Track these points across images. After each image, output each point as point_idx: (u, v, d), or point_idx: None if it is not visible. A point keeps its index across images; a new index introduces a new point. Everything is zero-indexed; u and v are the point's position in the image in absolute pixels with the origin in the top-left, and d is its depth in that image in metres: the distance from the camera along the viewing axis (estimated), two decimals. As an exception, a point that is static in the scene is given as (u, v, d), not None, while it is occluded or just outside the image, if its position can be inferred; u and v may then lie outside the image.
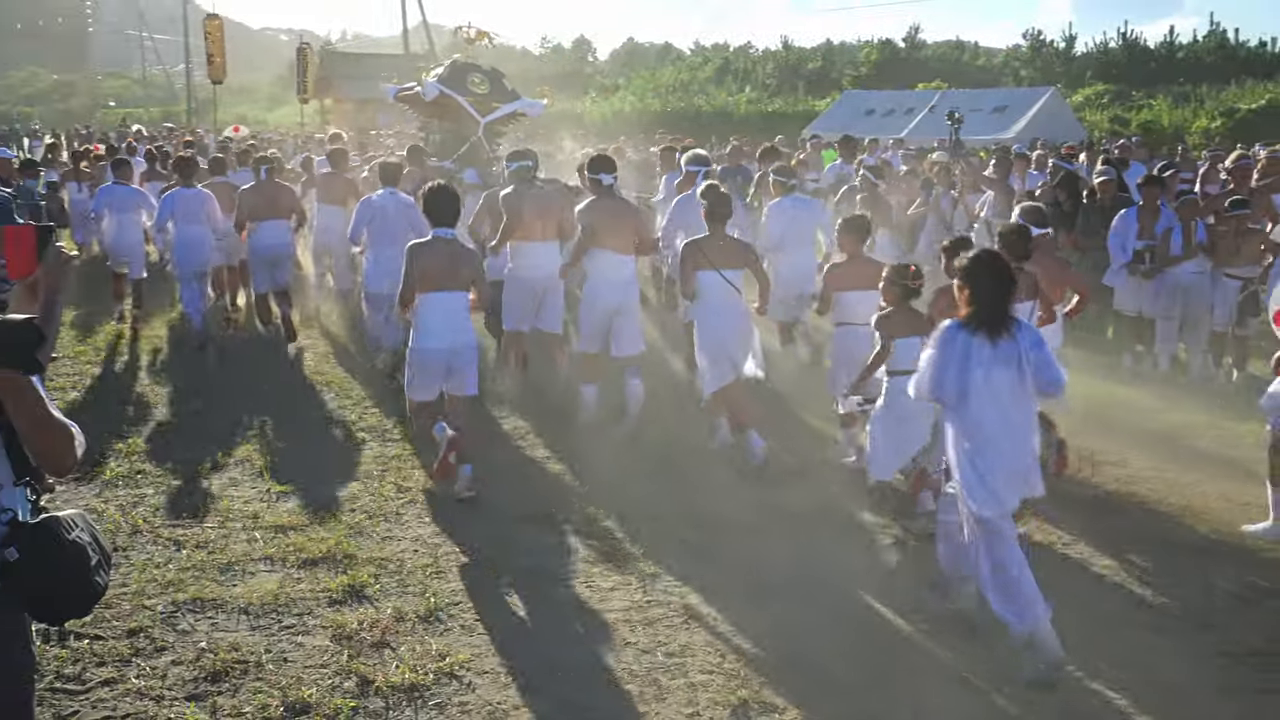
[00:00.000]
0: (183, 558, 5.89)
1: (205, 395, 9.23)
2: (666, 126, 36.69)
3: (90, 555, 2.83)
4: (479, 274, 7.11)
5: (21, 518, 2.74)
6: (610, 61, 79.30)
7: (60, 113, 73.54)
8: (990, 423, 4.75)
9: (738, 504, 6.80)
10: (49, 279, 3.32)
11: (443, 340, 6.87)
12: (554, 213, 8.69)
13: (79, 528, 2.84)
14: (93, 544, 2.86)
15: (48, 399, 2.71)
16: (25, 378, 2.61)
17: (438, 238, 6.89)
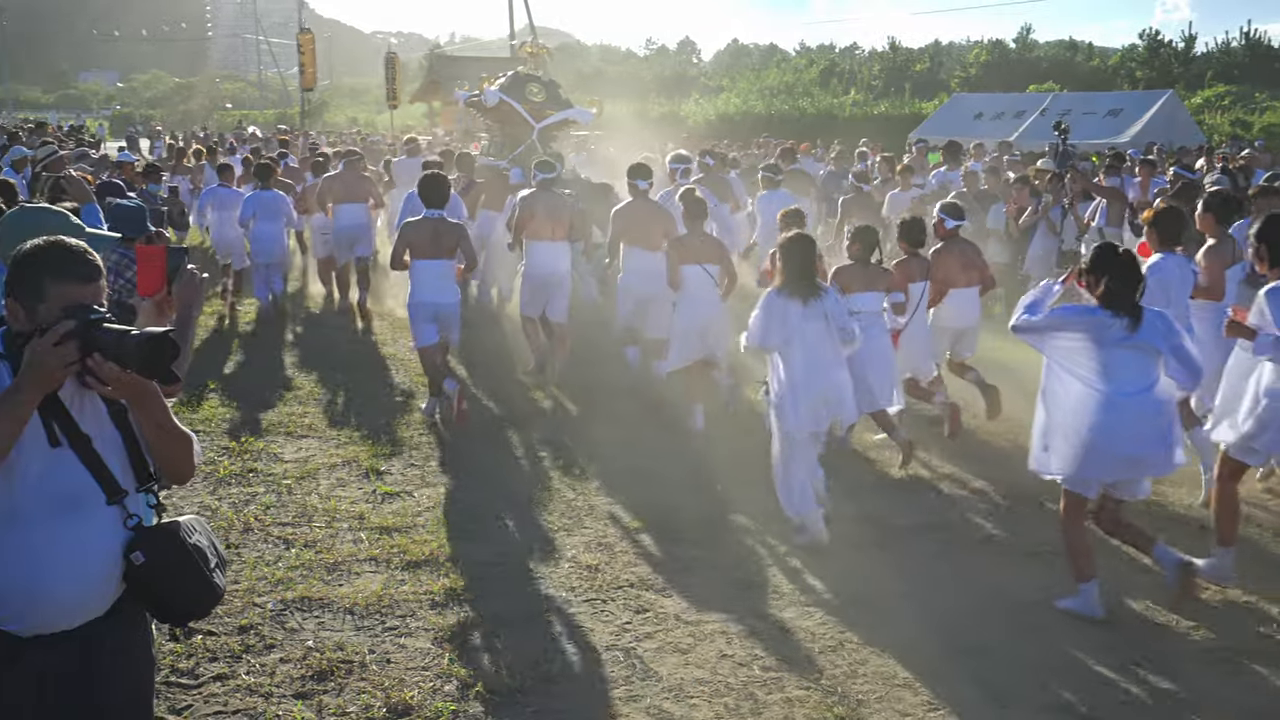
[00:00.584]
0: (291, 556, 6.06)
1: (313, 397, 9.47)
2: (770, 129, 36.55)
3: (209, 558, 2.93)
4: (465, 245, 8.69)
5: (146, 522, 2.85)
6: (714, 63, 79.37)
7: (180, 114, 75.93)
8: (800, 362, 6.30)
9: (837, 516, 6.76)
10: (182, 297, 3.46)
11: (428, 295, 8.57)
12: (564, 217, 9.84)
13: (198, 532, 2.95)
14: (210, 547, 2.97)
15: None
16: (155, 387, 2.74)
17: (426, 217, 8.57)
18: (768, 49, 79.96)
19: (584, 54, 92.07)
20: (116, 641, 2.89)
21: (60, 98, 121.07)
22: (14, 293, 2.70)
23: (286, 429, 8.47)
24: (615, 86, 55.81)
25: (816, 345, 6.34)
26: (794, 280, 6.36)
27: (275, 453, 7.89)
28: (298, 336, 11.94)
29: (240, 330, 12.17)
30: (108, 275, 2.94)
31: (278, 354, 11.06)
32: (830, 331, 6.37)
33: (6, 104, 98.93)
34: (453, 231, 8.65)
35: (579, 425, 8.64)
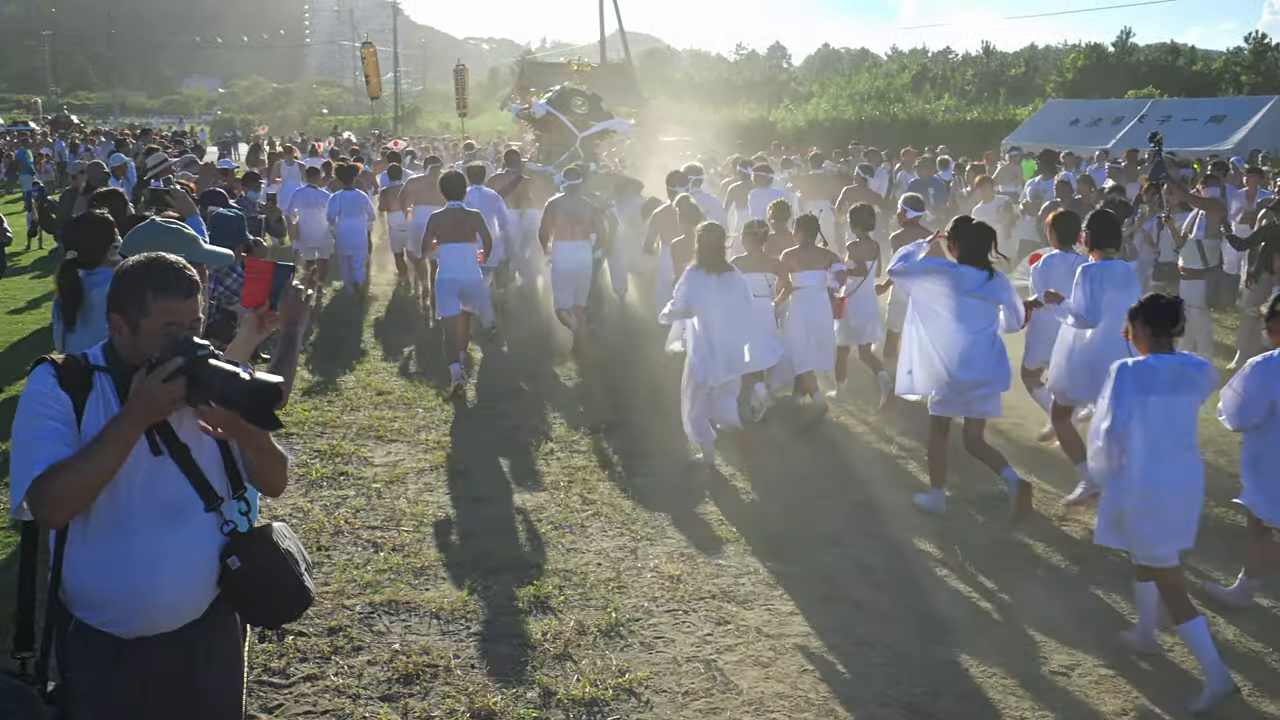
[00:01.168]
0: (380, 560, 6.17)
1: (402, 401, 9.63)
2: (861, 135, 36.21)
3: (299, 562, 3.01)
4: (482, 230, 10.14)
5: (241, 529, 2.94)
6: (804, 68, 78.97)
7: (278, 119, 77.64)
8: (712, 325, 7.65)
9: (918, 532, 6.70)
10: (289, 314, 3.57)
11: (452, 274, 10.01)
12: (585, 219, 11.28)
13: (287, 538, 3.04)
14: (299, 552, 3.06)
15: None
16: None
17: (449, 208, 10.08)
18: (859, 54, 79.35)
19: (673, 59, 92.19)
20: (212, 642, 2.99)
21: (164, 103, 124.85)
22: (118, 306, 2.82)
23: (376, 433, 8.63)
24: (704, 92, 55.82)
25: (724, 311, 7.67)
26: (707, 260, 7.72)
27: (365, 456, 8.05)
28: (388, 343, 12.13)
29: (332, 335, 12.42)
30: (209, 281, 3.06)
31: (369, 360, 11.26)
32: (736, 300, 7.73)
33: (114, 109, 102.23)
34: (471, 219, 10.14)
35: (661, 436, 8.65)
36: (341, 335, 12.33)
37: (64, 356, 2.87)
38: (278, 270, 3.55)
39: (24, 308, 13.57)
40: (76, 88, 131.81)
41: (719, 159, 20.41)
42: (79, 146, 32.57)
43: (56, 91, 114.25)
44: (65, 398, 2.76)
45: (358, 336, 12.30)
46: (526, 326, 12.65)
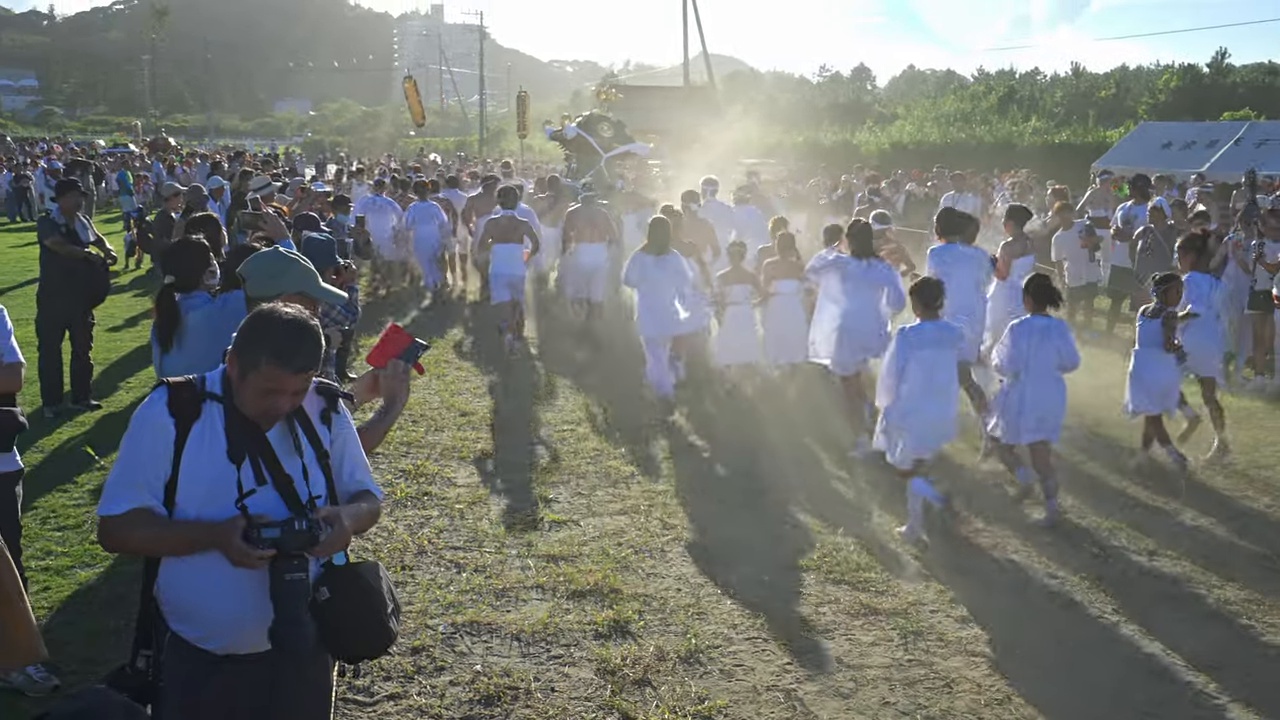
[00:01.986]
0: (462, 580, 6.25)
1: (485, 422, 9.75)
2: (946, 158, 35.84)
3: (386, 603, 3.05)
4: (529, 233, 12.74)
5: (336, 562, 3.00)
6: (889, 90, 78.41)
7: (367, 141, 79.01)
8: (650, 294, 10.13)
9: (1003, 568, 6.60)
10: (390, 386, 3.65)
11: (505, 269, 12.44)
12: (600, 225, 13.47)
13: (380, 577, 3.09)
14: (388, 592, 3.09)
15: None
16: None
17: (504, 214, 12.67)
18: (944, 75, 78.61)
19: (756, 81, 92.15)
20: (300, 664, 3.06)
21: (257, 125, 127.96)
22: (236, 345, 2.89)
23: (459, 454, 8.74)
24: (787, 114, 55.70)
25: (660, 286, 10.14)
26: (652, 245, 10.18)
27: (449, 477, 8.15)
28: (472, 364, 12.29)
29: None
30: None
31: (453, 381, 11.41)
32: (669, 277, 10.13)
33: (209, 131, 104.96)
34: (521, 224, 12.70)
35: (741, 463, 8.65)
36: (425, 357, 12.49)
37: (180, 381, 2.97)
38: (412, 347, 3.68)
39: (122, 326, 13.98)
40: (174, 110, 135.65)
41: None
42: (175, 168, 33.48)
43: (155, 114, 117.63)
44: (170, 425, 2.86)
45: (441, 358, 12.46)
46: (607, 353, 12.69)
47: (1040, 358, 7.35)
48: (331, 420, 3.08)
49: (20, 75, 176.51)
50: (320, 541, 2.82)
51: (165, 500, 2.87)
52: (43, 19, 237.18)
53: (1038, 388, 7.40)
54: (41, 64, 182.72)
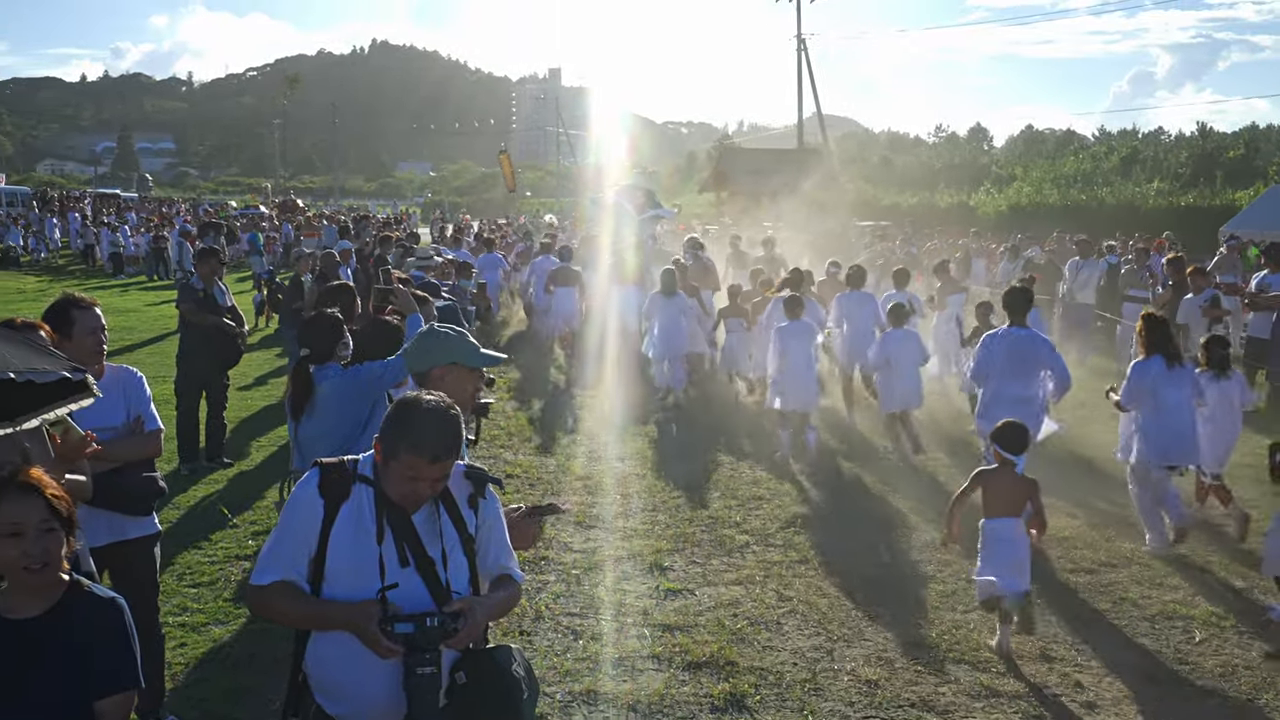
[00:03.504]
0: (579, 648, 6.30)
1: (600, 487, 9.84)
2: (1066, 221, 35.19)
3: (523, 689, 3.11)
4: (580, 281, 16.94)
5: (476, 645, 3.09)
6: (1006, 150, 77.34)
7: (484, 201, 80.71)
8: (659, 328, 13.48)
9: (1131, 648, 6.41)
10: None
11: (562, 308, 16.74)
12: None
13: (517, 661, 3.15)
14: (526, 678, 3.15)
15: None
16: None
17: (561, 266, 17.06)
18: (1064, 135, 77.08)
19: (871, 142, 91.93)
20: None
21: (380, 186, 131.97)
22: (381, 430, 3.03)
23: (576, 518, 8.83)
24: (902, 175, 55.37)
25: (670, 318, 13.48)
26: (664, 288, 13.57)
27: (565, 541, 8.24)
28: (588, 428, 12.44)
29: (531, 421, 12.80)
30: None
31: (566, 444, 11.56)
32: (675, 311, 13.48)
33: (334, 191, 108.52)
34: (574, 274, 17.08)
35: (857, 533, 8.57)
36: (542, 419, 12.70)
37: (332, 462, 3.12)
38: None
39: (253, 385, 14.47)
40: (302, 172, 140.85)
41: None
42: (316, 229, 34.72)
43: (284, 175, 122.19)
44: (320, 505, 3.01)
45: (558, 421, 12.64)
46: (721, 422, 12.73)
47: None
48: (478, 505, 3.18)
49: (159, 138, 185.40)
50: (453, 637, 2.91)
51: (312, 576, 3.00)
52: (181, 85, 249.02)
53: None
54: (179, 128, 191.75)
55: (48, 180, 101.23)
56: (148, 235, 33.24)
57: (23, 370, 3.14)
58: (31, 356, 3.31)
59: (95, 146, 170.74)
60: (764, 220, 37.29)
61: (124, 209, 47.08)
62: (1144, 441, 8.29)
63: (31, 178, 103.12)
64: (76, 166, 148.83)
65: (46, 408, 3.53)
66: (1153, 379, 8.19)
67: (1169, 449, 8.21)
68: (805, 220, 38.56)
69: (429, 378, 4.00)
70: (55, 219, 38.92)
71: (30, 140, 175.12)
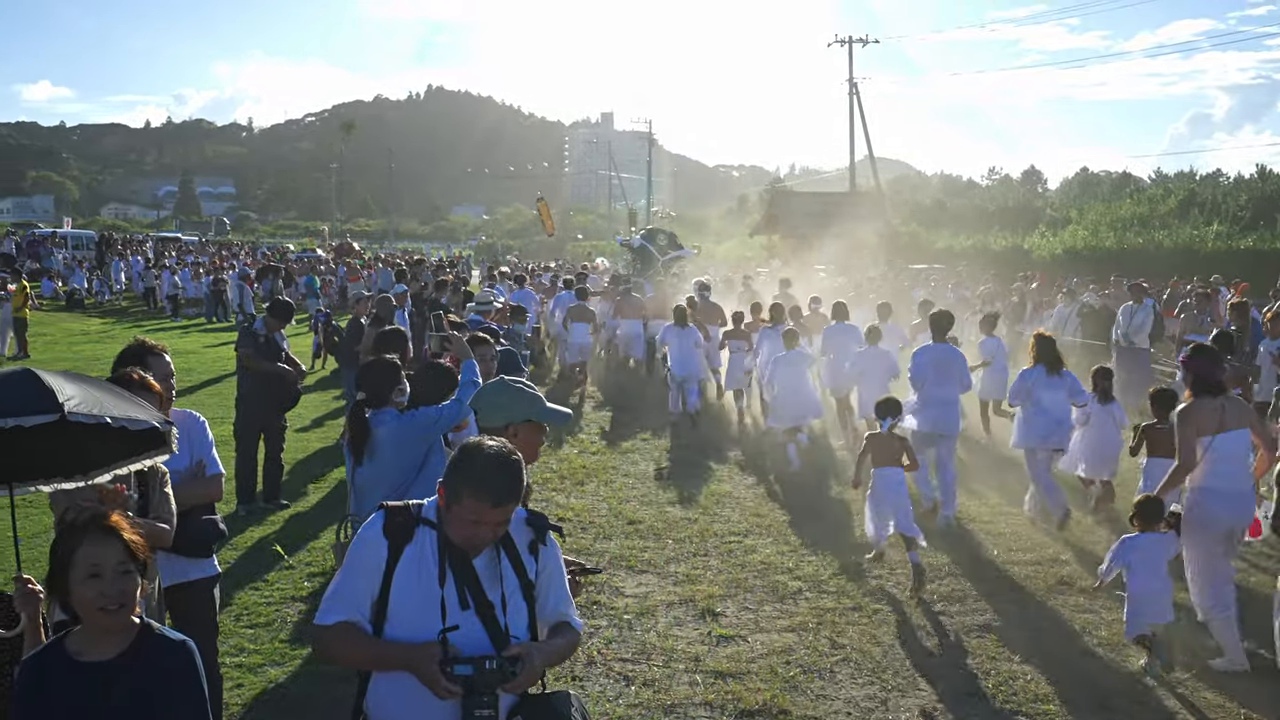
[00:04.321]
0: (631, 694, 6.30)
1: (652, 531, 9.84)
2: (1122, 265, 34.82)
3: None
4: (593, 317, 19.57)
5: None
6: (1061, 193, 76.67)
7: (537, 244, 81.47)
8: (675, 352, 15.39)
9: (1181, 702, 6.28)
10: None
11: (577, 340, 18.81)
12: (637, 307, 20.26)
13: (575, 707, 3.17)
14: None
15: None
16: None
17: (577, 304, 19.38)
18: (1120, 178, 76.21)
19: (924, 185, 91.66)
20: None
21: (434, 229, 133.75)
22: (445, 476, 3.09)
23: (627, 563, 8.84)
24: (955, 218, 55.09)
25: (683, 346, 15.27)
26: (676, 320, 15.60)
27: (617, 586, 8.25)
28: (639, 471, 12.46)
29: (585, 462, 12.85)
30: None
31: (619, 487, 11.58)
32: (688, 339, 15.36)
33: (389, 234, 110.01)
34: (589, 312, 19.45)
35: (908, 580, 8.49)
36: (593, 463, 12.74)
37: (397, 505, 3.19)
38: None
39: (309, 426, 14.66)
40: (358, 215, 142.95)
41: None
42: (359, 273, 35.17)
43: (340, 218, 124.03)
44: (384, 547, 3.08)
45: (609, 464, 12.68)
46: (769, 465, 12.73)
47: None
48: (539, 552, 3.23)
49: (220, 182, 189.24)
50: (511, 681, 2.95)
51: (375, 617, 3.06)
52: (242, 130, 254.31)
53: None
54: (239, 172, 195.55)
55: (112, 224, 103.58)
56: (208, 278, 33.86)
57: (118, 418, 3.25)
58: (125, 405, 3.42)
59: (158, 190, 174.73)
60: (816, 264, 37.27)
61: (184, 252, 47.98)
62: (1028, 429, 10.45)
63: (96, 221, 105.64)
64: (140, 210, 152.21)
65: (123, 462, 3.65)
66: (1032, 382, 10.33)
67: (1048, 434, 10.30)
68: (858, 263, 38.51)
69: (500, 431, 4.03)
70: (119, 261, 39.77)
71: (96, 185, 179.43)
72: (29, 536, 7.26)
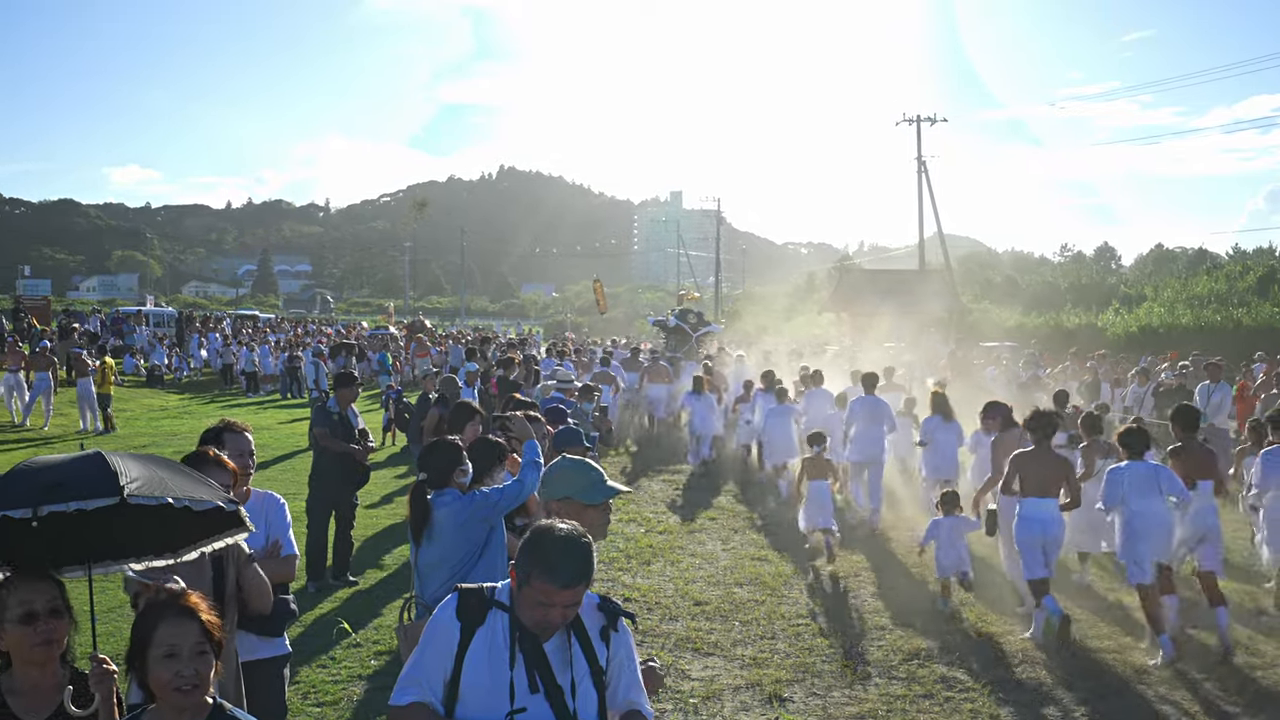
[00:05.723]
0: (696, 781, 6.20)
1: (719, 613, 9.75)
2: (1201, 343, 34.16)
3: None
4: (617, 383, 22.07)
5: None
6: (1135, 270, 75.69)
7: (605, 322, 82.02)
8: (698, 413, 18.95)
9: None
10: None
11: (654, 394, 22.60)
12: (664, 372, 23.35)
13: None
14: None
15: None
16: None
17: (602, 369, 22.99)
18: (1196, 254, 75.01)
19: (994, 261, 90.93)
20: None
21: (504, 306, 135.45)
22: (517, 560, 3.13)
23: (694, 645, 8.76)
24: (1027, 295, 54.57)
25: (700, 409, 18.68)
26: (694, 387, 19.03)
27: (683, 669, 8.17)
28: (705, 551, 12.40)
29: (652, 541, 12.80)
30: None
31: (685, 567, 11.52)
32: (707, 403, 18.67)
33: (460, 311, 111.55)
34: (610, 376, 21.96)
35: (980, 666, 8.31)
36: (660, 543, 12.69)
37: (470, 588, 3.25)
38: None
39: (379, 503, 14.81)
40: (430, 293, 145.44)
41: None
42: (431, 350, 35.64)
43: (413, 296, 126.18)
44: (456, 629, 3.14)
45: (675, 544, 12.63)
46: (843, 545, 12.58)
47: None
48: (610, 638, 3.25)
49: (297, 261, 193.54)
50: None
51: (447, 698, 3.10)
52: (319, 210, 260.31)
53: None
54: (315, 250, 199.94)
55: (193, 301, 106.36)
56: (284, 355, 34.52)
57: (180, 497, 3.34)
58: (190, 485, 3.51)
59: (237, 269, 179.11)
60: (885, 341, 37.07)
61: (261, 329, 49.03)
62: (927, 465, 13.78)
63: (178, 299, 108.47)
64: (219, 288, 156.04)
65: (203, 541, 3.74)
66: (932, 428, 13.63)
67: (939, 469, 13.49)
68: (929, 341, 38.23)
69: (550, 509, 4.09)
70: (198, 338, 40.73)
71: (178, 264, 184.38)
72: (104, 613, 7.41)
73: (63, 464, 3.38)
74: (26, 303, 44.45)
